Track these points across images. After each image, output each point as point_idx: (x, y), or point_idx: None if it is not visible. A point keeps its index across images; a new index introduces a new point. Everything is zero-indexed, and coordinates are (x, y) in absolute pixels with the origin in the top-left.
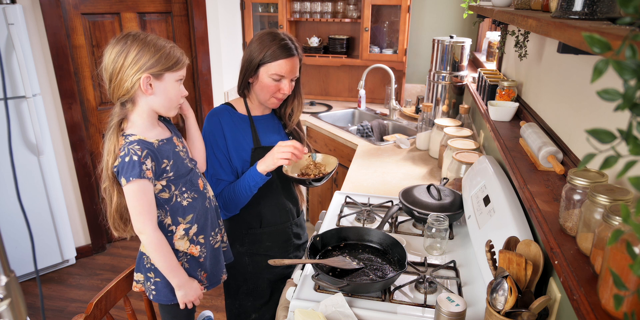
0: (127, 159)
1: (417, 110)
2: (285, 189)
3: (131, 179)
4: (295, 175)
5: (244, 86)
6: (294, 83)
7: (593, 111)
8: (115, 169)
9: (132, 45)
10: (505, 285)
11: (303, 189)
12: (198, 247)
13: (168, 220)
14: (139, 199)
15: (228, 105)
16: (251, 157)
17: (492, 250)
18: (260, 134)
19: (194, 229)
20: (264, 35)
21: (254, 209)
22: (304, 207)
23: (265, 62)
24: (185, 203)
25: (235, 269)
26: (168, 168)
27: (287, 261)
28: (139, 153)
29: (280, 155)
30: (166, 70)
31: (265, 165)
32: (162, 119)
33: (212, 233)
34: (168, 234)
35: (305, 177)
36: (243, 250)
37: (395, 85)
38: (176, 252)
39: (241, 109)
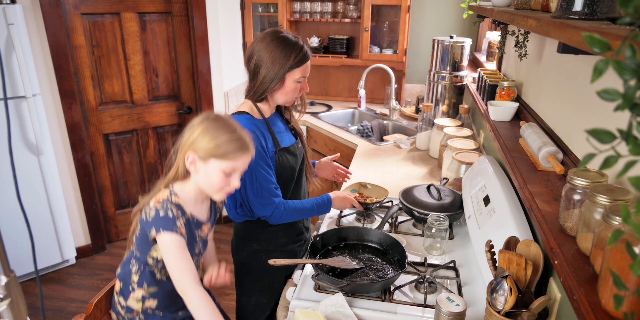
0: (161, 214)
1: (417, 110)
2: (296, 185)
3: (161, 230)
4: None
5: (265, 94)
6: None
7: (593, 111)
8: (147, 218)
9: (201, 125)
10: (505, 285)
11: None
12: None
13: (135, 278)
14: (174, 253)
15: (244, 114)
16: (276, 160)
17: (492, 250)
18: (276, 135)
19: (152, 303)
20: (279, 40)
21: None
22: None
23: (292, 69)
24: (158, 276)
25: (252, 265)
26: None
27: (287, 261)
28: (175, 212)
29: (350, 203)
30: (213, 157)
31: (339, 207)
32: (212, 201)
33: (176, 309)
34: (129, 288)
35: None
36: (259, 247)
37: (395, 85)
38: (129, 307)
39: (255, 114)
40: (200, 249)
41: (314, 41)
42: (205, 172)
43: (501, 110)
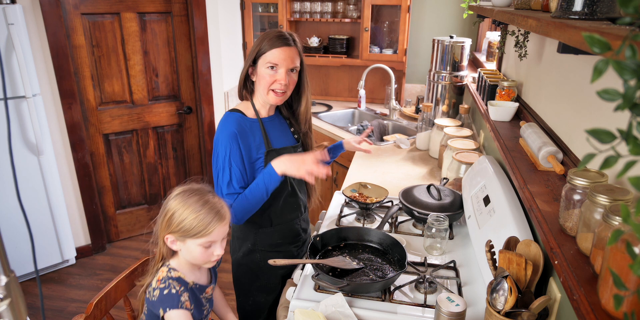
0: (165, 292)
1: (417, 110)
2: (298, 184)
3: (168, 309)
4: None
5: (245, 84)
6: (295, 77)
7: (593, 111)
8: (152, 299)
9: (172, 204)
10: (505, 285)
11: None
12: None
13: None
14: None
15: (237, 112)
16: (265, 161)
17: (492, 250)
18: (270, 136)
19: None
20: (264, 32)
21: (265, 210)
22: (313, 198)
23: (262, 53)
24: None
25: (247, 265)
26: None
27: (286, 261)
28: (177, 288)
29: (307, 173)
30: (188, 237)
31: (285, 168)
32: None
33: None
34: None
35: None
36: (255, 248)
37: (395, 85)
38: None
39: (250, 112)
40: (208, 309)
41: (314, 41)
42: (187, 250)
43: (501, 110)
